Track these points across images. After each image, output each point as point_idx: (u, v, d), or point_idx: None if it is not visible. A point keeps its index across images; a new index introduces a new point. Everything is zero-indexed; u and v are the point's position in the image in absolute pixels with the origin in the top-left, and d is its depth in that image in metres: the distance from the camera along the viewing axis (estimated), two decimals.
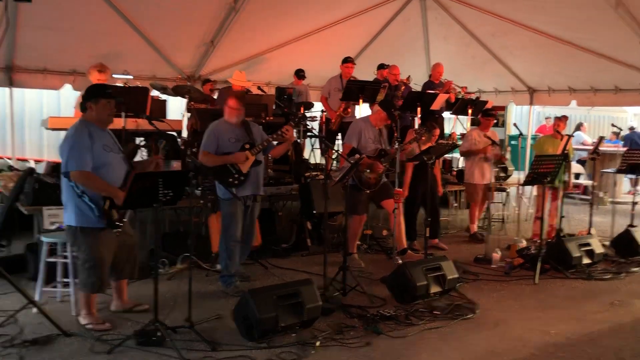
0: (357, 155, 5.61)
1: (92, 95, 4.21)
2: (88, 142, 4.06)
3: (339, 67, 8.35)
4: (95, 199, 4.06)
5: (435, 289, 5.04)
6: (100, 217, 4.07)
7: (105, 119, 4.25)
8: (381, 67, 8.83)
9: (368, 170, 5.95)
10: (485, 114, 7.68)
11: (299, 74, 9.31)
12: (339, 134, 8.44)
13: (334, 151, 6.16)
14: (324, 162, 8.74)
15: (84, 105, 4.20)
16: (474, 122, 9.24)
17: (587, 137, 13.26)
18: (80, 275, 4.23)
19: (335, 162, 8.58)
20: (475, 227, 7.70)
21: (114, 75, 7.21)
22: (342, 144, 6.30)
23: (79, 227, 4.13)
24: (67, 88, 8.27)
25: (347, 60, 8.27)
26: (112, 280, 4.57)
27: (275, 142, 5.42)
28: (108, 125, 4.33)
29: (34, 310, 4.38)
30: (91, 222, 4.12)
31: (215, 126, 5.20)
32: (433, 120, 7.41)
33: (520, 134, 7.65)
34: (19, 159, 9.37)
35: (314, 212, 6.51)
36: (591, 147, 8.87)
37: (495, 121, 7.65)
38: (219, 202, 5.15)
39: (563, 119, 7.63)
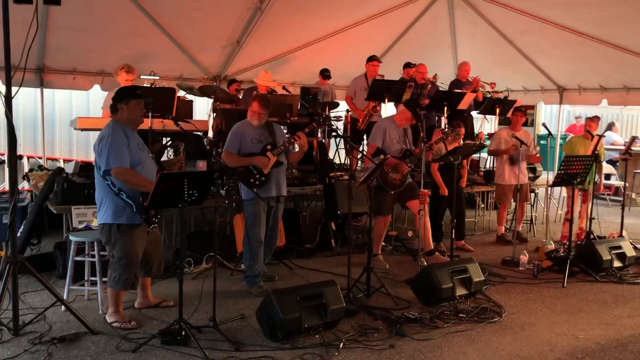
0: (382, 156, 5.58)
1: (123, 97, 4.30)
2: (125, 140, 4.18)
3: (364, 66, 8.32)
4: (133, 195, 4.15)
5: (461, 291, 4.99)
6: (138, 213, 4.16)
7: (137, 120, 4.37)
8: (407, 65, 8.78)
9: (393, 171, 5.91)
10: (514, 110, 7.59)
11: (324, 73, 9.31)
12: (365, 134, 8.42)
13: (358, 151, 6.13)
14: (348, 162, 8.72)
15: (114, 106, 4.30)
16: (501, 122, 9.13)
17: (618, 137, 12.95)
18: (113, 273, 4.30)
19: (360, 162, 8.56)
20: (503, 229, 7.59)
21: (141, 76, 7.32)
22: (367, 143, 6.27)
23: (116, 224, 4.22)
24: (96, 89, 8.41)
25: (373, 59, 8.24)
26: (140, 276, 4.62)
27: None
28: (139, 125, 4.45)
29: (62, 308, 4.48)
30: (128, 219, 4.21)
31: (239, 127, 5.23)
32: (461, 119, 7.33)
33: (550, 133, 7.51)
34: (49, 159, 9.59)
35: (339, 212, 6.49)
36: (623, 147, 8.66)
37: (525, 119, 7.51)
38: (242, 202, 5.17)
39: (595, 119, 7.47)
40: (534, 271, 6.00)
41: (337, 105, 9.49)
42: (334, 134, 8.32)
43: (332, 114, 9.43)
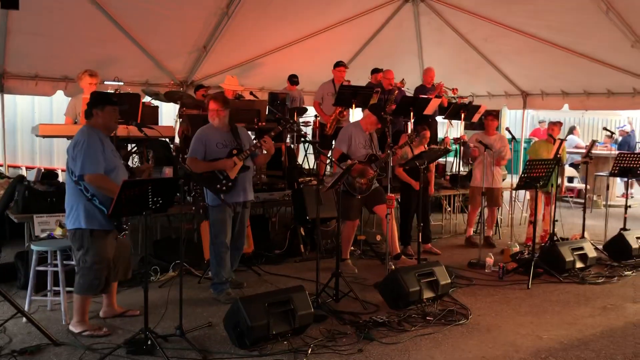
0: (350, 161, 5.61)
1: (99, 102, 4.30)
2: (101, 146, 4.18)
3: (332, 72, 8.36)
4: (106, 202, 4.12)
5: (428, 294, 5.03)
6: (110, 219, 4.14)
7: (111, 126, 4.37)
8: (375, 71, 8.86)
9: (359, 176, 5.95)
10: (486, 115, 7.75)
11: (292, 79, 9.32)
12: (334, 139, 8.44)
13: (326, 157, 6.15)
14: (317, 167, 8.73)
15: (89, 111, 4.29)
16: (467, 127, 9.27)
17: (580, 141, 13.31)
18: (82, 279, 4.25)
19: (329, 167, 8.59)
20: (471, 231, 7.72)
21: (105, 82, 7.20)
22: (333, 148, 6.30)
23: (89, 229, 4.19)
24: (60, 94, 8.25)
25: (339, 64, 8.29)
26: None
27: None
28: (113, 132, 4.48)
29: (24, 319, 4.36)
30: (101, 225, 4.20)
31: (202, 132, 5.17)
32: (426, 124, 7.42)
33: (513, 138, 7.66)
34: (10, 166, 9.35)
35: (307, 217, 6.50)
36: (584, 151, 8.90)
37: (497, 122, 7.65)
38: (208, 209, 5.13)
39: (557, 124, 7.66)
40: (500, 273, 6.10)
41: (305, 110, 9.51)
42: (302, 139, 8.33)
43: (300, 120, 9.47)
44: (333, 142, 8.23)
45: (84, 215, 4.18)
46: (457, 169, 9.11)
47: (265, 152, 5.24)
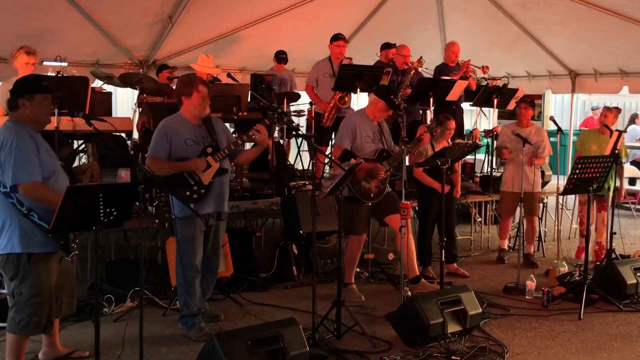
0: (354, 160, 5.60)
1: (26, 90, 4.22)
2: (34, 146, 4.11)
3: (328, 48, 8.32)
4: (47, 216, 4.04)
5: (453, 327, 5.02)
6: (55, 238, 4.10)
7: (43, 119, 4.30)
8: (386, 46, 8.87)
9: (367, 177, 5.94)
10: (518, 102, 7.77)
11: (280, 56, 9.32)
12: (333, 132, 8.44)
13: (324, 155, 6.16)
14: (313, 168, 8.73)
15: (14, 101, 4.22)
16: (501, 116, 9.29)
17: None
18: (18, 315, 4.20)
19: (328, 167, 8.59)
20: (505, 244, 7.78)
21: (44, 63, 7.20)
22: (333, 145, 6.30)
23: (26, 253, 4.13)
24: None
25: (338, 38, 8.23)
26: None
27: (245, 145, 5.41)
28: (45, 126, 4.36)
29: None
30: (41, 246, 4.14)
31: (168, 124, 5.14)
32: (449, 112, 7.43)
33: (559, 129, 7.67)
34: None
35: (301, 232, 6.49)
36: None
37: (532, 111, 7.66)
38: (174, 222, 5.11)
39: (613, 110, 7.67)
40: (544, 300, 6.09)
41: (298, 96, 9.52)
42: (294, 133, 8.34)
43: (292, 108, 9.48)
44: (333, 136, 8.27)
45: (18, 236, 4.11)
46: (489, 169, 9.12)
47: (254, 146, 5.23)
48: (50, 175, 4.16)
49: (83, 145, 6.66)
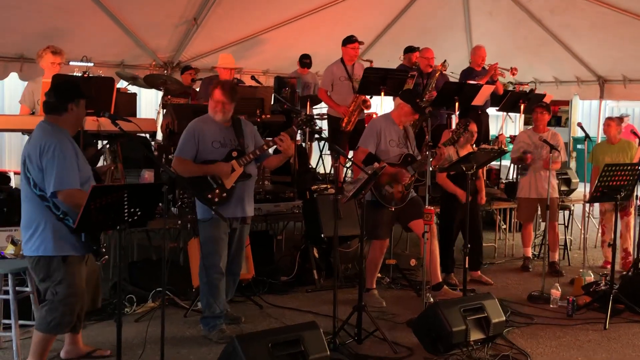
0: (377, 164, 5.61)
1: (75, 94, 4.29)
2: (74, 152, 4.18)
3: (342, 50, 8.26)
4: None
5: (476, 335, 5.00)
6: (88, 241, 4.16)
7: (81, 124, 4.49)
8: (410, 50, 8.86)
9: (391, 182, 5.94)
10: (534, 107, 7.70)
11: (304, 61, 9.33)
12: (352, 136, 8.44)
13: (346, 158, 6.15)
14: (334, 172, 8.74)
15: (62, 105, 4.25)
16: (528, 121, 9.24)
17: None
18: (50, 314, 4.26)
19: (350, 171, 8.59)
20: (529, 252, 7.78)
21: (70, 63, 7.29)
22: (356, 148, 6.30)
23: (61, 256, 4.20)
24: (13, 77, 8.37)
25: (352, 40, 8.14)
26: None
27: (271, 150, 5.44)
28: (77, 130, 4.49)
29: None
30: (75, 249, 4.21)
31: (196, 125, 5.19)
32: (474, 117, 7.40)
33: (587, 136, 7.62)
34: None
35: (322, 235, 6.50)
36: None
37: (548, 116, 7.62)
38: (198, 223, 5.16)
39: (616, 119, 7.70)
40: (569, 309, 6.05)
41: (320, 100, 9.53)
42: (316, 136, 8.37)
43: (315, 111, 9.50)
44: (348, 141, 8.25)
45: (51, 239, 4.17)
46: (514, 176, 9.07)
47: (278, 152, 5.25)
48: (86, 181, 4.22)
49: (107, 145, 6.73)
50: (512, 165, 9.23)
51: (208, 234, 5.12)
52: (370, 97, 8.05)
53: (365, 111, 8.10)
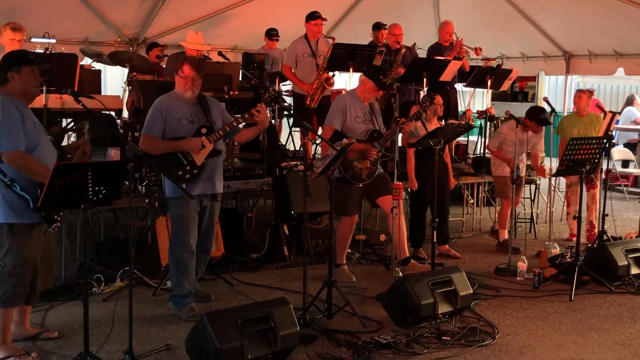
0: (346, 140, 5.59)
1: (13, 63, 4.26)
2: (19, 117, 4.14)
3: (304, 26, 8.17)
4: (29, 187, 4.08)
5: (444, 308, 5.05)
6: (35, 209, 4.09)
7: (32, 91, 4.34)
8: (377, 27, 8.83)
9: (358, 158, 5.94)
10: (536, 119, 7.11)
11: (271, 33, 9.23)
12: (316, 114, 8.41)
13: (316, 135, 6.14)
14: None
15: (2, 75, 4.24)
16: (495, 97, 9.28)
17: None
18: (2, 286, 4.21)
19: (319, 148, 8.58)
20: (506, 234, 7.49)
21: (32, 40, 7.15)
22: (323, 126, 6.27)
23: (7, 224, 4.16)
24: None
25: (315, 17, 8.02)
26: None
27: (241, 125, 5.38)
28: (33, 99, 4.42)
29: None
30: (24, 217, 4.16)
31: (163, 102, 5.11)
32: (442, 93, 7.39)
33: (553, 111, 7.67)
34: None
35: (292, 212, 6.49)
36: None
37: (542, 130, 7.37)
38: (167, 201, 5.10)
39: (586, 92, 7.73)
40: (535, 282, 6.12)
41: None
42: (285, 112, 8.31)
43: (283, 88, 9.44)
44: (316, 118, 8.21)
45: (1, 206, 4.15)
46: (481, 151, 9.13)
47: (253, 125, 5.18)
48: (33, 148, 4.17)
49: (72, 124, 6.63)
50: (479, 140, 9.26)
51: (177, 212, 5.07)
52: (336, 74, 7.98)
53: (331, 88, 8.03)
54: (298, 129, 9.18)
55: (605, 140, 6.54)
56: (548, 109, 7.62)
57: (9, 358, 4.23)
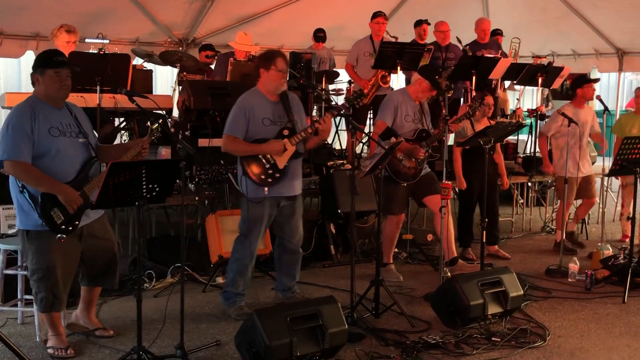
0: (393, 139, 5.58)
1: (39, 65, 4.19)
2: (28, 125, 4.08)
3: (369, 26, 8.26)
4: (33, 195, 4.09)
5: (494, 309, 5.00)
6: (40, 217, 4.10)
7: (56, 94, 4.22)
8: (418, 23, 8.77)
9: (405, 157, 5.92)
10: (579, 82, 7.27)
11: (318, 35, 9.28)
12: (370, 111, 8.43)
13: (363, 133, 6.14)
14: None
15: (31, 78, 4.24)
16: (555, 95, 9.12)
17: None
18: (35, 293, 4.30)
19: (365, 147, 8.58)
20: (561, 235, 7.19)
21: (87, 40, 7.30)
22: (374, 122, 6.27)
23: (25, 230, 4.20)
24: (30, 56, 8.39)
25: (377, 15, 8.17)
26: (83, 285, 4.63)
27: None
28: (62, 101, 4.31)
29: None
30: (37, 224, 4.15)
31: (246, 100, 4.95)
32: (490, 91, 7.33)
33: (606, 109, 7.52)
34: None
35: (339, 211, 6.51)
36: None
37: (595, 91, 7.37)
38: (244, 201, 4.99)
39: None
40: (587, 283, 6.03)
41: (337, 75, 9.49)
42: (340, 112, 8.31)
43: (330, 87, 9.47)
44: (369, 115, 8.23)
45: (19, 212, 4.20)
46: (532, 150, 9.00)
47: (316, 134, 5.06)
48: (42, 155, 4.11)
49: (124, 123, 6.75)
50: (529, 139, 9.13)
51: (254, 212, 4.97)
52: (389, 73, 8.00)
53: (386, 86, 8.07)
54: (344, 128, 9.21)
55: None
56: (601, 108, 7.48)
57: (50, 349, 4.32)
